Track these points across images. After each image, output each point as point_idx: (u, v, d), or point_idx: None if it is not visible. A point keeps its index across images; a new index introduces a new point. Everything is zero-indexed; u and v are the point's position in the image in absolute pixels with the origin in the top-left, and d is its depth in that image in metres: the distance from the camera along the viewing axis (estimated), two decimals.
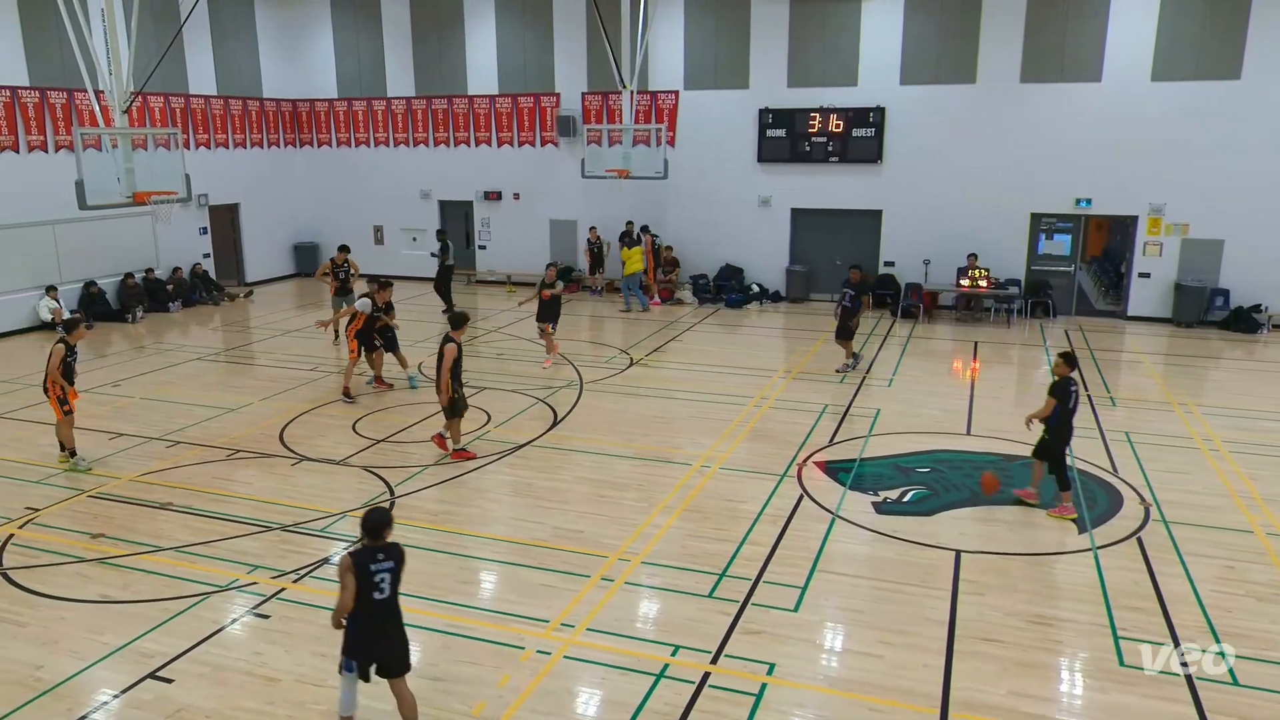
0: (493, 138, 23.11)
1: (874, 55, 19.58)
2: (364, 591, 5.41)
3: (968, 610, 7.30)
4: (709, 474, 10.26)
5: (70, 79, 17.47)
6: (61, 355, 10.30)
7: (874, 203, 20.21)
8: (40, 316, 18.05)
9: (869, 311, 15.24)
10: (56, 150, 18.22)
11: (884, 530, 8.78)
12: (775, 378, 14.42)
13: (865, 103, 19.76)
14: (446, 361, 10.33)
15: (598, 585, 7.72)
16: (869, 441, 11.37)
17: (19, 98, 17.61)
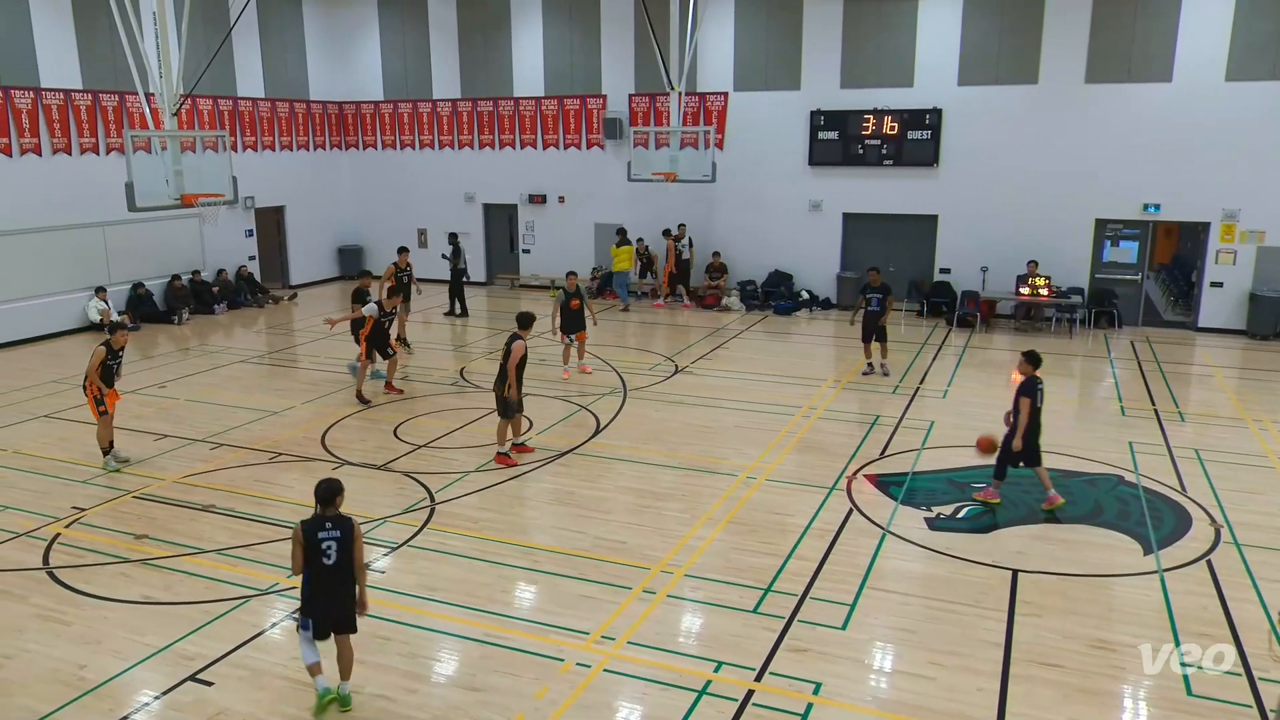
0: (538, 140, 23.29)
1: (931, 55, 19.37)
2: (313, 557, 6.06)
3: (1025, 633, 7.15)
4: (755, 485, 10.20)
5: (122, 82, 17.99)
6: (101, 358, 10.56)
7: (929, 208, 19.97)
8: (89, 317, 18.59)
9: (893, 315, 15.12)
10: (108, 152, 18.77)
11: (937, 547, 8.64)
12: (824, 387, 14.30)
13: (921, 104, 19.55)
14: (514, 359, 10.52)
15: (639, 598, 7.71)
16: (922, 455, 11.22)
17: (72, 100, 18.19)
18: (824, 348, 18.01)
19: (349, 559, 6.11)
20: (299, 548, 6.06)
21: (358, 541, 6.15)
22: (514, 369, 10.52)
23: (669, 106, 20.38)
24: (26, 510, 9.60)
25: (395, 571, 8.26)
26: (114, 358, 10.74)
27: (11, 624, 7.35)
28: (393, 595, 7.76)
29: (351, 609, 6.23)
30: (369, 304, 13.36)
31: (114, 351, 10.73)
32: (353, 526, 6.14)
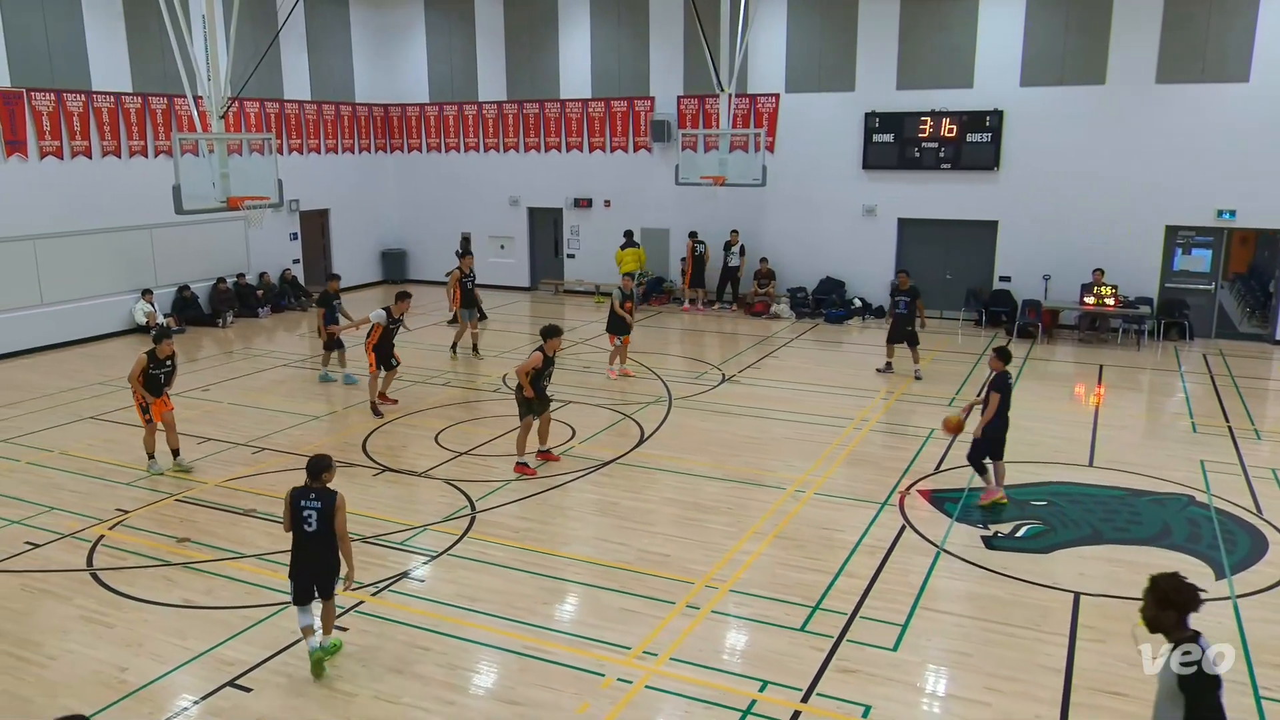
0: (584, 143, 23.43)
1: (992, 54, 19.12)
2: (296, 523, 6.74)
3: (1087, 659, 6.99)
4: (803, 499, 10.13)
5: (171, 85, 18.49)
6: (143, 365, 10.72)
7: (989, 213, 19.69)
8: (135, 319, 19.09)
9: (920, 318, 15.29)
10: (156, 155, 19.29)
11: (994, 567, 8.49)
12: (877, 399, 14.16)
13: (981, 105, 19.29)
14: (526, 364, 10.61)
15: (683, 613, 7.69)
16: None
17: (122, 103, 18.73)
18: (877, 358, 17.73)
19: (329, 529, 6.67)
20: (287, 510, 6.76)
21: (339, 513, 6.66)
22: (523, 374, 10.61)
23: (718, 108, 20.37)
24: (72, 511, 9.87)
25: (435, 580, 8.34)
26: (159, 367, 10.87)
27: (56, 624, 7.56)
28: (432, 604, 7.84)
29: (331, 577, 6.81)
30: (377, 311, 13.19)
31: (159, 361, 10.86)
32: (335, 498, 6.69)
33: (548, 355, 10.76)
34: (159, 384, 10.92)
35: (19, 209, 17.02)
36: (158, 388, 10.91)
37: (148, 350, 10.90)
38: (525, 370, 10.60)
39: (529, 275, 25.02)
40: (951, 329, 19.48)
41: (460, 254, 17.64)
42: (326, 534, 6.69)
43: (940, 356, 16.97)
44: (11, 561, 8.72)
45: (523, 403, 10.80)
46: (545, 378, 10.86)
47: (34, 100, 17.18)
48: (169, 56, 15.16)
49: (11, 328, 17.09)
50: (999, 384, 9.76)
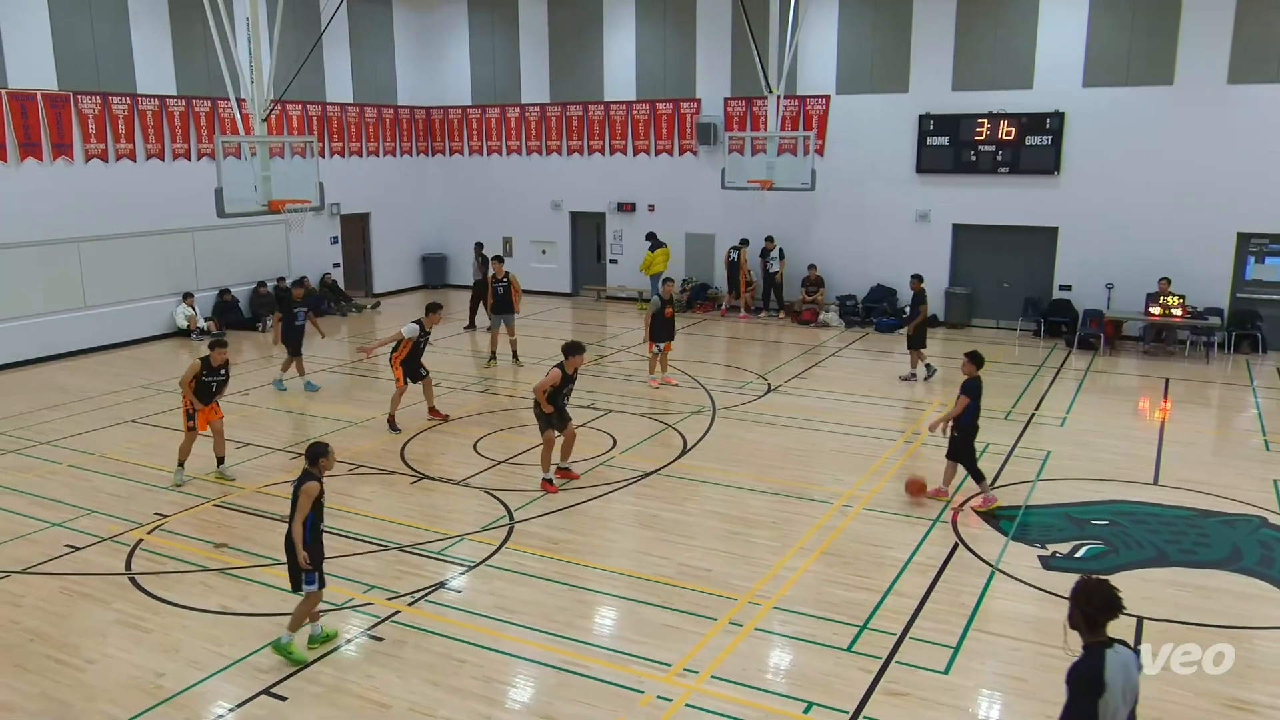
0: (628, 146, 23.52)
1: (1053, 54, 18.85)
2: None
3: (1150, 687, 6.82)
4: (851, 514, 10.04)
5: (215, 87, 18.92)
6: (196, 372, 10.87)
7: (1049, 219, 19.40)
8: (177, 323, 19.52)
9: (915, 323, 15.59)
10: (199, 158, 19.73)
11: (1052, 589, 8.33)
12: (929, 411, 14.00)
13: (1041, 107, 19.03)
14: (544, 382, 10.55)
15: (725, 629, 7.65)
16: (1036, 487, 10.87)
17: (166, 106, 19.20)
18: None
19: (294, 510, 6.95)
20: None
21: (297, 497, 6.93)
22: (540, 392, 10.53)
23: (766, 110, 20.33)
24: (111, 515, 10.10)
25: (471, 591, 8.40)
26: (211, 374, 11.01)
27: (94, 628, 7.74)
28: (468, 615, 7.89)
29: (292, 565, 7.08)
30: (409, 325, 12.98)
31: (212, 369, 11.00)
32: (302, 481, 6.97)
33: (567, 373, 10.67)
34: (210, 392, 11.04)
35: (65, 211, 17.50)
36: (208, 395, 11.03)
37: (202, 356, 11.05)
38: (543, 388, 10.52)
39: (570, 281, 25.15)
40: (1009, 339, 19.21)
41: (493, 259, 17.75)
42: (290, 518, 7.00)
43: (996, 368, 16.73)
44: (52, 564, 8.95)
45: (541, 418, 10.73)
46: (564, 395, 10.77)
47: (80, 103, 17.68)
48: (213, 59, 15.52)
49: (55, 330, 17.56)
50: (970, 388, 10.07)
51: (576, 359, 10.72)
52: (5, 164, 16.63)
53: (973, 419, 10.12)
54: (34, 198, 17.04)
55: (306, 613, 7.23)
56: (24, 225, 16.93)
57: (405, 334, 12.91)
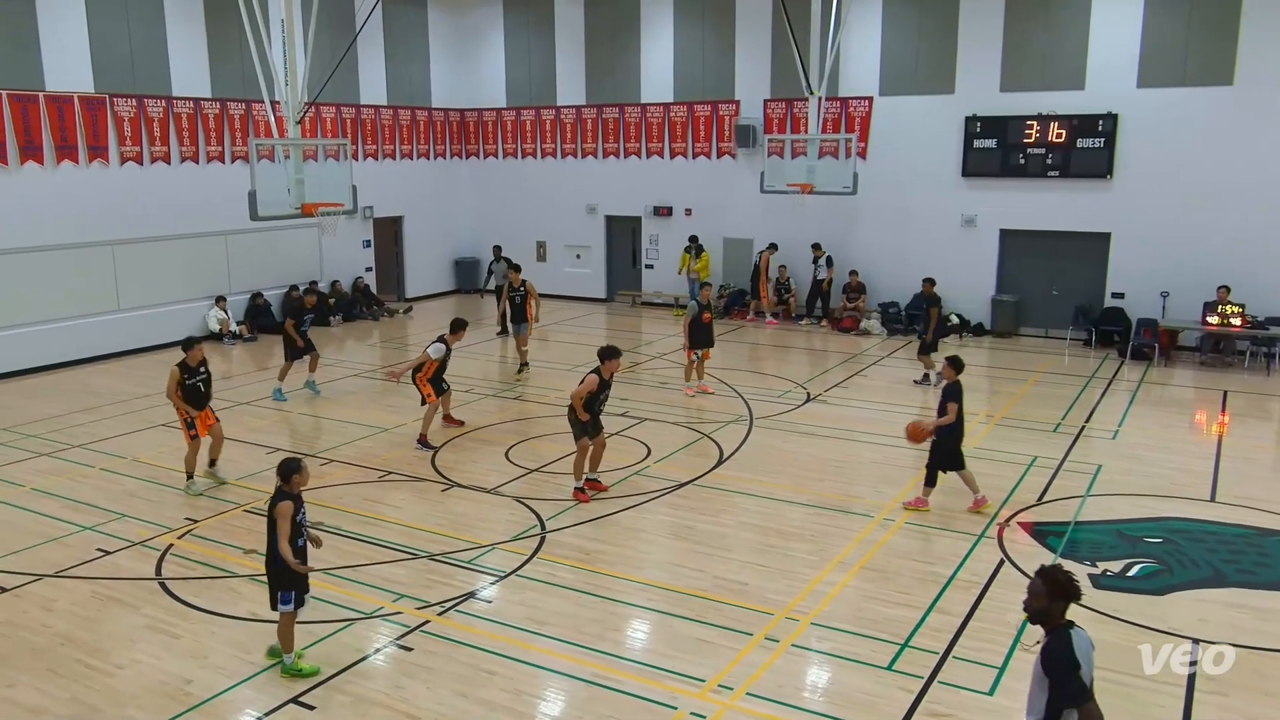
0: (665, 149, 23.56)
1: (1106, 53, 18.62)
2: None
3: (1206, 713, 6.70)
4: (893, 528, 9.95)
5: (249, 90, 19.23)
6: (177, 378, 10.86)
7: (1101, 224, 19.14)
8: (209, 327, 19.85)
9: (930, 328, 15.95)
10: (232, 161, 20.06)
11: (1102, 609, 8.20)
12: (974, 422, 13.84)
13: (1093, 108, 18.79)
14: (581, 389, 10.56)
15: (761, 645, 7.62)
16: (1086, 502, 10.71)
17: (201, 109, 19.55)
18: (976, 378, 17.37)
19: (270, 530, 7.00)
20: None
21: (274, 520, 6.96)
22: (578, 398, 10.52)
23: (807, 112, 20.27)
24: (142, 519, 10.28)
25: (502, 601, 8.44)
26: (192, 375, 10.95)
27: (124, 633, 7.87)
28: (498, 626, 7.93)
29: (271, 584, 7.11)
30: (435, 345, 12.88)
31: (191, 369, 10.97)
32: (275, 502, 7.00)
33: (604, 378, 10.68)
34: (199, 394, 11.06)
35: (99, 214, 17.87)
36: (199, 399, 11.08)
37: (179, 362, 11.04)
38: (580, 395, 10.53)
39: (605, 286, 25.22)
40: (1058, 349, 18.97)
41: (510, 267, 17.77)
42: (269, 536, 7.03)
43: (1045, 379, 16.55)
44: (83, 568, 9.12)
45: (577, 425, 10.72)
46: (600, 401, 10.79)
47: (116, 106, 18.05)
48: (248, 61, 15.78)
49: (89, 333, 17.92)
50: (953, 394, 10.19)
51: (613, 363, 10.75)
52: (42, 167, 17.02)
53: (957, 425, 10.25)
54: (69, 200, 17.41)
55: (290, 632, 7.18)
56: (59, 228, 17.31)
57: (432, 355, 12.78)
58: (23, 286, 16.88)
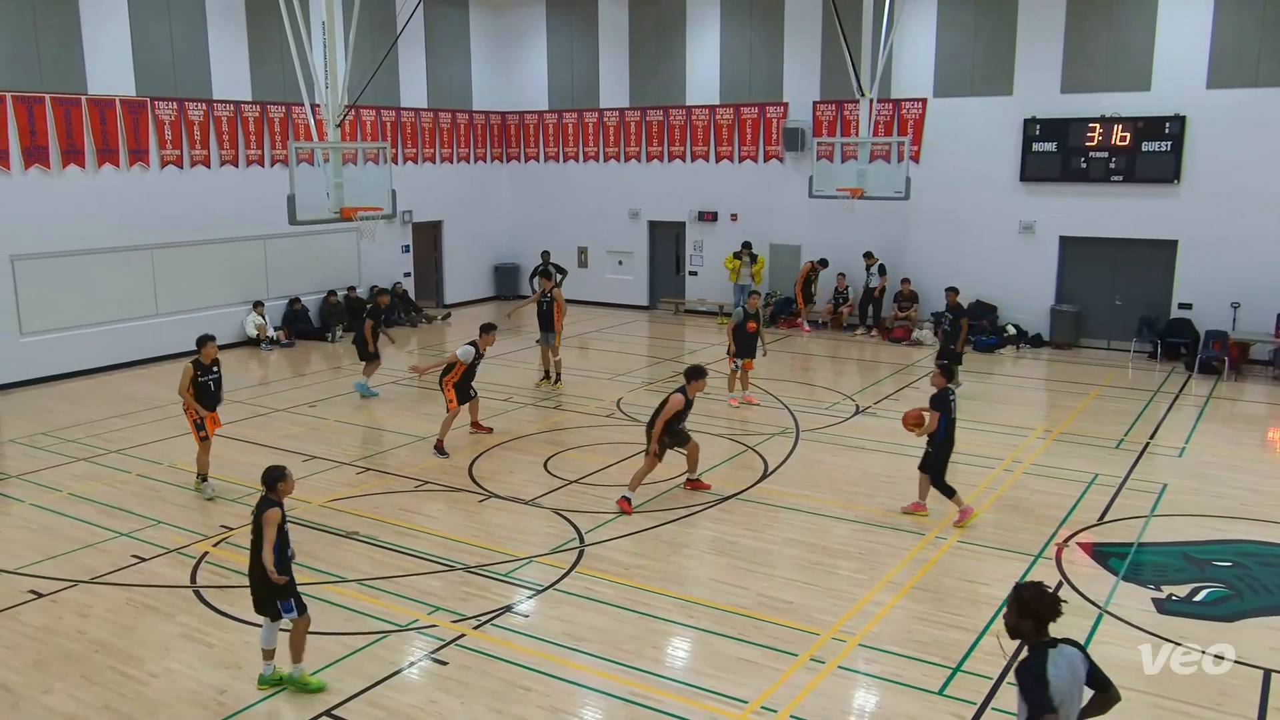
0: (710, 152, 23.56)
1: (1173, 53, 18.30)
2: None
3: None
4: (945, 546, 9.83)
5: (289, 93, 19.55)
6: (190, 375, 11.09)
7: (1167, 231, 18.79)
8: (247, 332, 20.17)
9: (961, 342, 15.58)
10: (272, 165, 20.40)
11: (1168, 635, 8.03)
12: (1032, 437, 13.65)
13: (1160, 110, 18.48)
14: (667, 410, 10.77)
15: (806, 666, 7.56)
16: (1150, 523, 10.50)
17: (241, 112, 19.92)
18: (1034, 391, 17.20)
19: (256, 538, 7.06)
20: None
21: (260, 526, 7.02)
22: (662, 421, 10.77)
23: (858, 115, 20.16)
24: (177, 526, 10.46)
25: (539, 616, 8.46)
26: (205, 373, 11.16)
27: (159, 641, 8.01)
28: (535, 641, 7.95)
29: (260, 590, 7.12)
30: (464, 348, 12.96)
31: (205, 367, 11.19)
32: (262, 509, 7.05)
33: (689, 398, 10.89)
34: (209, 394, 11.26)
35: (140, 218, 18.25)
36: (209, 399, 11.29)
37: (192, 359, 11.30)
38: (665, 417, 10.76)
39: (648, 293, 25.25)
40: (1121, 362, 18.64)
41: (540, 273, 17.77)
42: (255, 543, 7.08)
43: (1107, 393, 16.27)
44: (119, 574, 9.30)
45: (660, 440, 10.89)
46: (682, 420, 11.01)
47: (157, 109, 18.45)
48: (288, 64, 16.06)
49: (127, 337, 18.28)
50: (941, 402, 10.24)
51: (699, 383, 10.98)
52: (83, 170, 17.44)
53: (948, 433, 10.28)
54: (110, 204, 17.80)
55: (302, 640, 7.22)
56: (100, 232, 17.71)
57: (460, 357, 12.90)
58: (64, 290, 17.27)
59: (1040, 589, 4.88)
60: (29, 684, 7.38)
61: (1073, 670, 4.75)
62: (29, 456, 13.07)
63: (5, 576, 9.28)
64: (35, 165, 16.72)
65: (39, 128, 16.69)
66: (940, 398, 10.30)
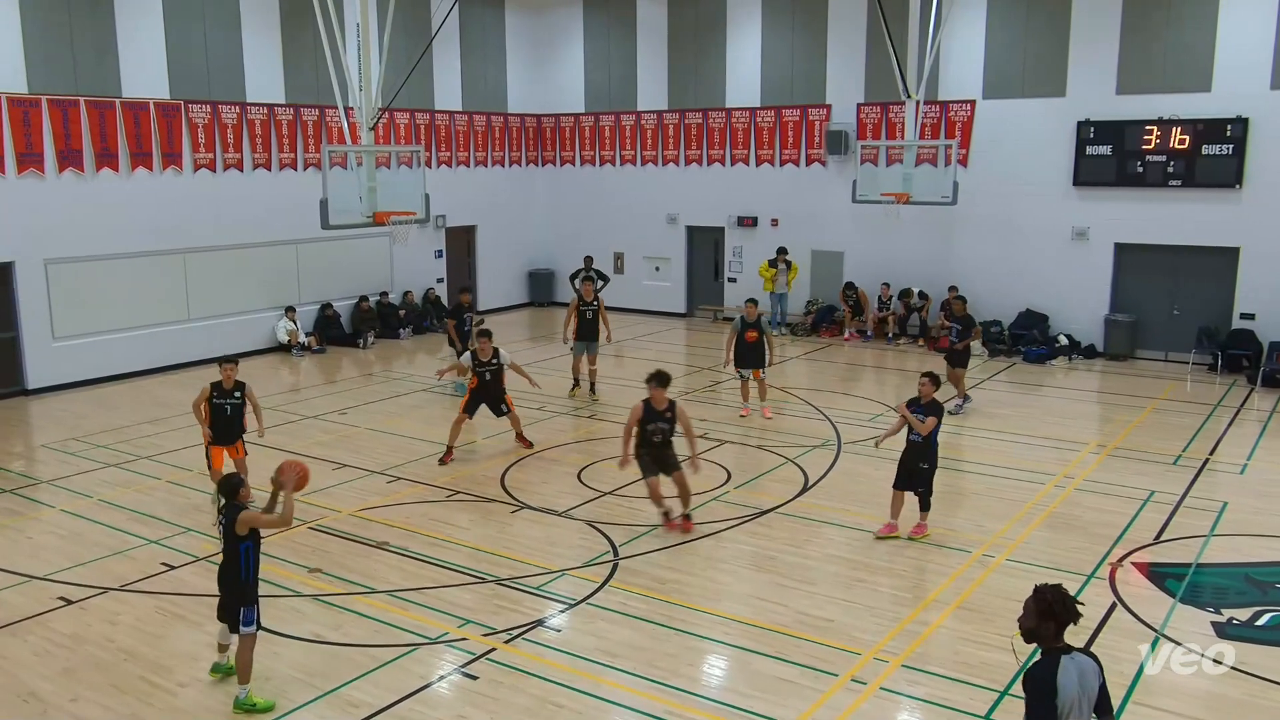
0: (751, 156, 23.54)
1: (1235, 52, 18.02)
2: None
3: None
4: (992, 565, 9.73)
5: (323, 95, 19.80)
6: (205, 396, 10.83)
7: (1228, 238, 18.49)
8: (278, 338, 20.43)
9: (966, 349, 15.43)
10: (305, 168, 20.68)
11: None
12: (1085, 452, 13.47)
13: (1221, 112, 18.20)
14: (629, 421, 10.52)
15: (847, 687, 7.51)
16: (1210, 543, 10.32)
17: (275, 115, 20.21)
18: (1087, 404, 16.99)
19: (232, 545, 7.19)
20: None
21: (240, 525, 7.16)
22: (626, 431, 10.50)
23: (904, 117, 20.06)
24: (207, 534, 10.59)
25: (572, 631, 8.47)
26: (223, 397, 10.83)
27: (188, 650, 8.12)
28: (567, 657, 7.96)
29: (232, 602, 7.26)
30: (463, 353, 13.05)
31: (224, 391, 10.83)
32: (235, 513, 7.16)
33: (654, 407, 10.37)
34: (224, 420, 10.83)
35: (173, 222, 18.56)
36: (226, 429, 10.86)
37: (213, 380, 11.03)
38: (629, 427, 10.45)
39: (685, 300, 25.26)
40: (1179, 374, 18.35)
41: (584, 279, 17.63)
42: (229, 552, 7.22)
43: (1164, 407, 16.02)
44: (148, 582, 9.45)
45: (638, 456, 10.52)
46: (655, 434, 10.40)
47: (190, 112, 18.78)
48: (322, 67, 16.27)
49: (159, 342, 18.59)
50: (936, 409, 10.26)
51: (658, 392, 10.37)
52: (117, 174, 17.77)
53: (931, 448, 10.31)
54: (143, 208, 18.12)
55: (249, 659, 7.24)
56: (132, 236, 18.03)
57: (463, 362, 13.33)
58: (96, 295, 17.61)
59: (1062, 591, 4.78)
60: (58, 691, 7.52)
61: (1084, 681, 4.65)
62: (60, 462, 13.33)
63: (36, 583, 9.47)
64: (69, 168, 17.07)
65: (73, 131, 17.05)
66: (936, 406, 10.32)
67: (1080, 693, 4.62)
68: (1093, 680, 4.70)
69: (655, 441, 10.49)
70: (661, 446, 10.53)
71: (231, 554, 7.20)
